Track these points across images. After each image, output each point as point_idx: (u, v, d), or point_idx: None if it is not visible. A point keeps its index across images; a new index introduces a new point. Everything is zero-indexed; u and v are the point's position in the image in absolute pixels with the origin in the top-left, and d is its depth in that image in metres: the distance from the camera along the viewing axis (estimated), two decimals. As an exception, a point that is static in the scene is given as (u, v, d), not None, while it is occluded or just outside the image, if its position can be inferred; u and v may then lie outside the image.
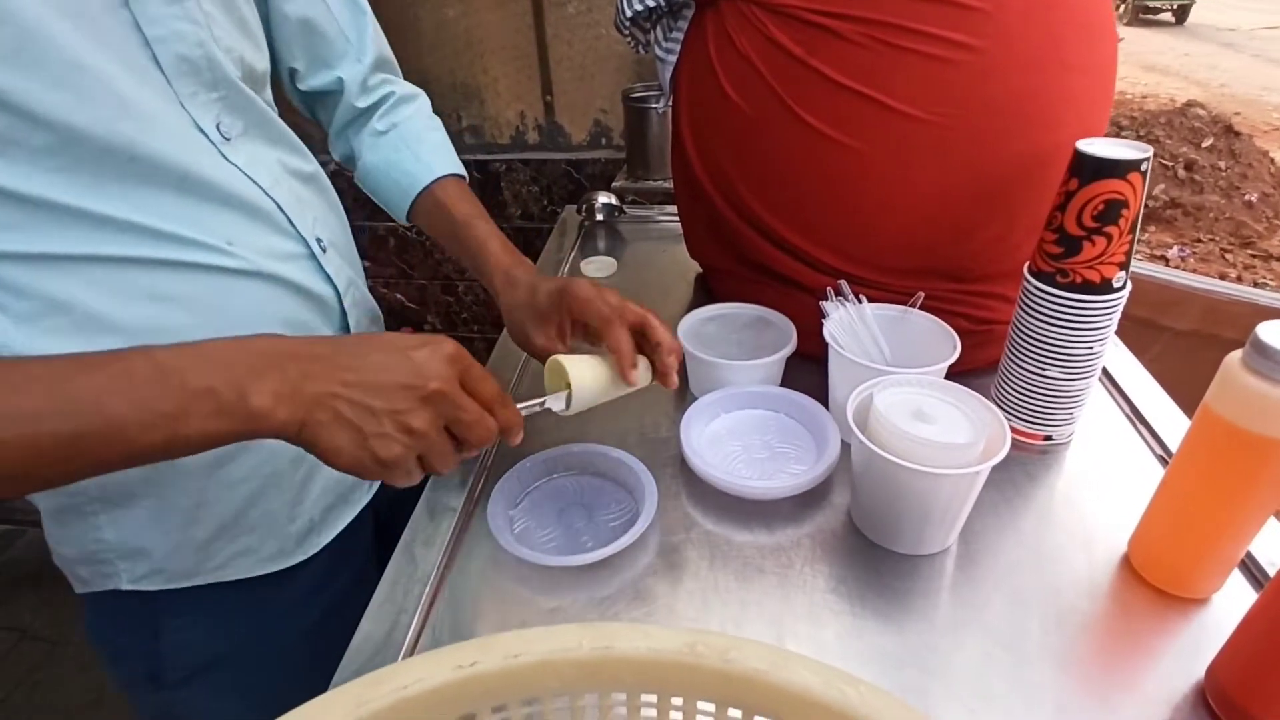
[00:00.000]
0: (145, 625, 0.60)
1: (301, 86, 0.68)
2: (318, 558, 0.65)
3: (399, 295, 1.93)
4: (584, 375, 0.55)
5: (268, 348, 0.41)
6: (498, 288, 0.64)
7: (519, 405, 0.51)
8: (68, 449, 0.37)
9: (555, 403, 0.54)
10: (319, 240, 0.59)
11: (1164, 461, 0.65)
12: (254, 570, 0.61)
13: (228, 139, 0.53)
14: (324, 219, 0.62)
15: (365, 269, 1.92)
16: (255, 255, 0.53)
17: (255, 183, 0.54)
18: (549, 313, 0.61)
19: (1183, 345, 1.34)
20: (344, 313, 0.63)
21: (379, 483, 0.70)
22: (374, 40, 0.70)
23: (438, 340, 0.45)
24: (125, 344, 0.48)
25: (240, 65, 0.54)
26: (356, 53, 0.68)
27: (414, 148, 0.71)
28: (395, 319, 1.96)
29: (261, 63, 0.58)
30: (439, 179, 0.70)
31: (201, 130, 0.51)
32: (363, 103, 0.70)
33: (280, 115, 0.61)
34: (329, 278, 0.60)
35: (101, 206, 0.46)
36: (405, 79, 0.77)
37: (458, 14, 1.56)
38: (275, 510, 0.61)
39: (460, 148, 1.71)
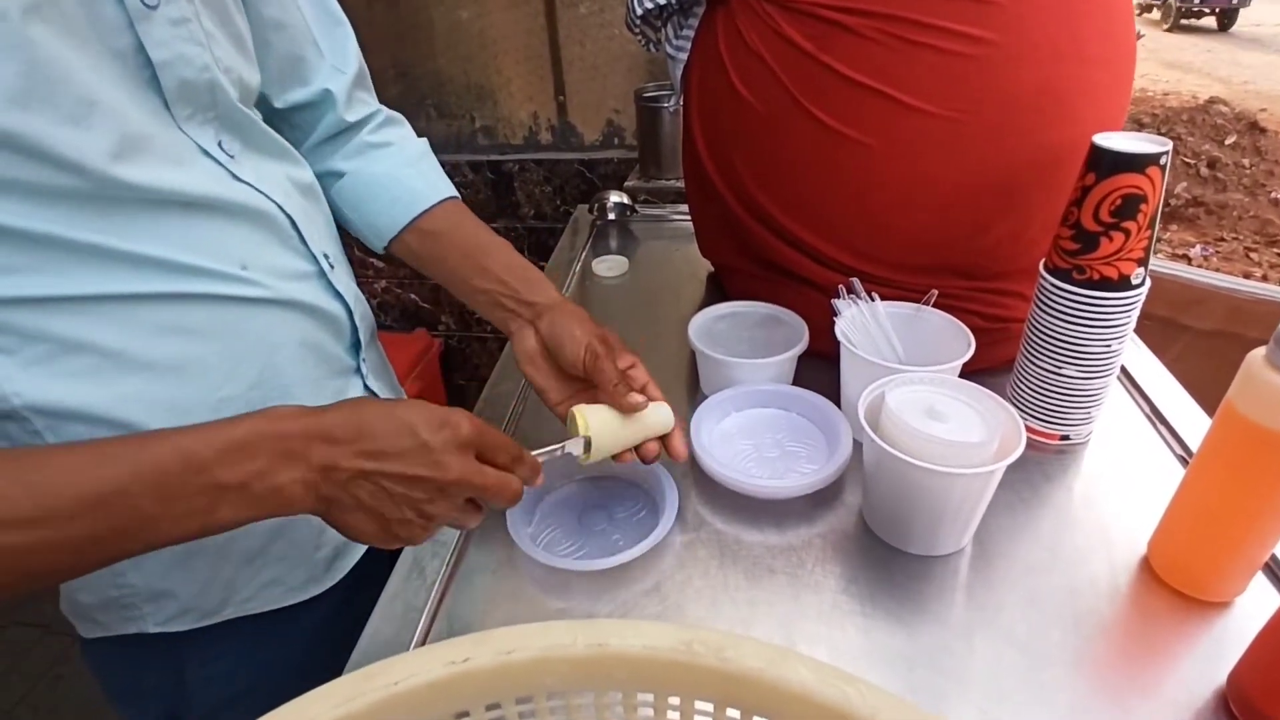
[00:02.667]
0: (169, 665, 0.59)
1: (277, 104, 0.63)
2: (342, 579, 0.64)
3: (413, 295, 1.94)
4: (603, 422, 0.55)
5: (290, 429, 0.41)
6: (554, 298, 0.62)
7: (537, 452, 0.52)
8: (97, 547, 0.37)
9: (574, 447, 0.55)
10: (326, 256, 0.58)
11: (1184, 462, 0.64)
12: (283, 600, 0.60)
13: (232, 156, 0.51)
14: (326, 233, 0.61)
15: (379, 270, 1.93)
16: (269, 278, 0.52)
17: (269, 197, 0.53)
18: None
19: (1206, 345, 1.31)
20: (354, 328, 0.61)
21: None
22: (356, 54, 0.66)
23: (454, 422, 0.45)
24: (145, 381, 0.47)
25: (238, 85, 0.53)
26: (336, 63, 0.64)
27: (417, 166, 0.68)
28: (409, 320, 1.97)
29: (255, 78, 0.57)
30: (448, 199, 0.67)
31: (206, 153, 0.50)
32: (351, 116, 0.66)
33: None
34: (339, 294, 0.59)
35: (110, 241, 0.44)
36: (420, 80, 0.75)
37: (471, 15, 1.57)
38: (302, 538, 0.60)
39: (473, 148, 1.74)
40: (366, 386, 0.63)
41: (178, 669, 0.58)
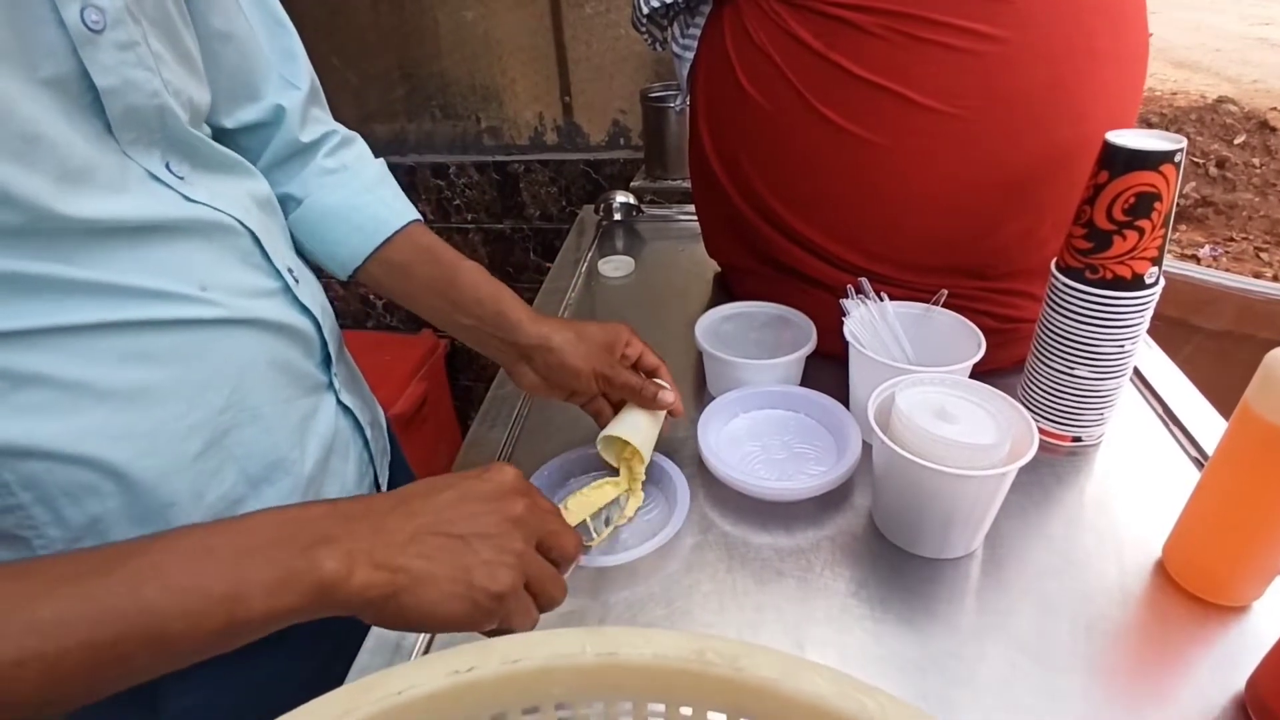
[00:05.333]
0: (142, 696, 0.53)
1: (228, 123, 0.59)
2: None
3: (418, 297, 1.94)
4: (639, 431, 0.60)
5: (325, 511, 0.37)
6: (534, 334, 0.60)
7: (622, 518, 0.58)
8: (103, 660, 0.31)
9: (619, 508, 0.60)
10: (290, 270, 0.56)
11: (1199, 464, 0.63)
12: None
13: (181, 178, 0.49)
14: (288, 247, 0.59)
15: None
16: (231, 297, 0.50)
17: (227, 213, 0.51)
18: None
19: (1216, 346, 1.30)
20: (324, 343, 0.59)
21: None
22: (305, 66, 0.62)
23: (496, 465, 0.42)
24: (106, 412, 0.44)
25: (189, 108, 0.50)
26: (288, 76, 0.60)
27: (376, 191, 0.64)
28: (415, 321, 1.97)
29: (204, 97, 0.53)
30: (410, 224, 0.63)
31: (155, 177, 0.47)
32: (306, 136, 0.61)
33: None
34: (305, 309, 0.57)
35: (58, 270, 0.42)
36: (425, 81, 0.71)
37: (476, 16, 1.57)
38: None
39: (479, 149, 1.74)
40: (340, 402, 0.61)
41: (151, 702, 0.56)
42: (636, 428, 0.60)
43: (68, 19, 0.40)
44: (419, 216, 0.65)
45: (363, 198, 0.63)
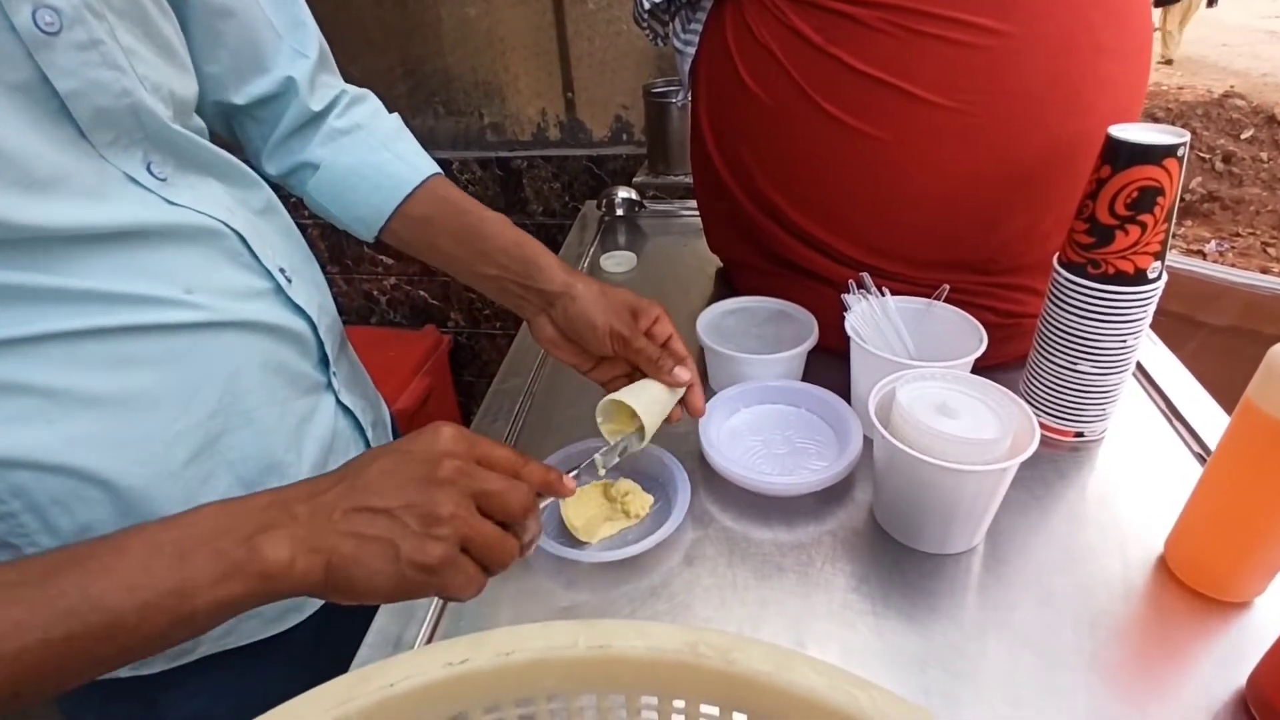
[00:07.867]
0: (143, 708, 0.55)
1: (238, 99, 0.58)
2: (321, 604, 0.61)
3: (422, 292, 1.94)
4: (646, 404, 0.55)
5: (269, 500, 0.38)
6: (559, 282, 0.58)
7: (596, 455, 0.53)
8: (59, 657, 0.32)
9: (634, 443, 0.55)
10: (282, 270, 0.54)
11: (1201, 459, 0.63)
12: (261, 633, 0.57)
13: (163, 180, 0.47)
14: (283, 247, 0.57)
15: (388, 266, 1.93)
16: (218, 300, 0.49)
17: (212, 216, 0.49)
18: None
19: (1221, 341, 1.30)
20: (320, 342, 0.58)
21: None
22: (314, 32, 0.60)
23: (432, 426, 0.42)
24: (92, 420, 0.43)
25: (170, 102, 0.48)
26: (297, 46, 0.58)
27: (393, 147, 0.62)
28: (419, 316, 1.97)
29: (190, 88, 0.51)
30: (430, 178, 0.61)
31: (134, 180, 0.45)
32: (317, 105, 0.60)
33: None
34: (299, 308, 0.55)
35: (36, 279, 0.41)
36: (428, 77, 0.69)
37: (479, 12, 1.57)
38: None
39: (482, 145, 1.74)
40: (339, 401, 0.60)
41: (151, 711, 0.56)
42: (653, 397, 0.55)
43: (18, 23, 0.38)
44: (439, 169, 0.63)
45: (380, 155, 0.61)
